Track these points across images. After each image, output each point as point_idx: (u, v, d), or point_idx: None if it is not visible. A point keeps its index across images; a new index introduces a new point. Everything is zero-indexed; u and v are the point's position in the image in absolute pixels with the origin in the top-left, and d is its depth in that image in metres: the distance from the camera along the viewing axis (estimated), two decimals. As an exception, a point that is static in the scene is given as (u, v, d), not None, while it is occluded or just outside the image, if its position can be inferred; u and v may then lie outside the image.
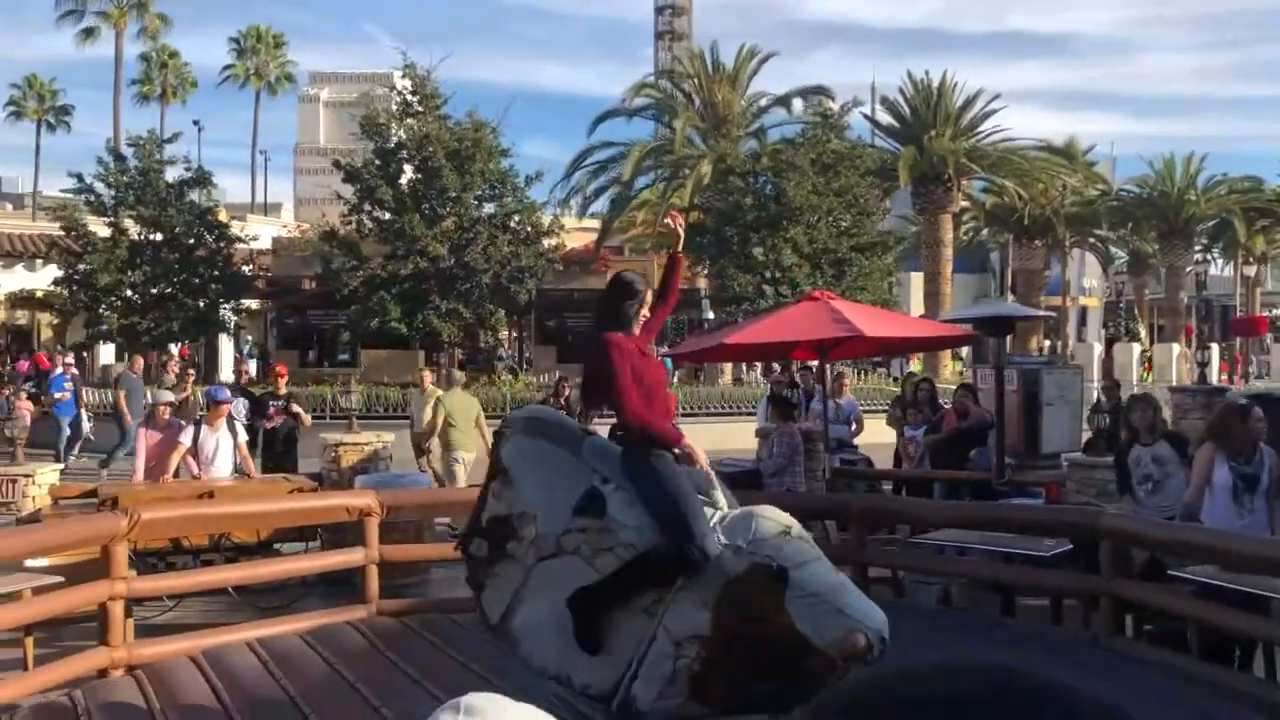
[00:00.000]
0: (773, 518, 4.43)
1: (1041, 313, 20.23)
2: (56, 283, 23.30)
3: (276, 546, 9.13)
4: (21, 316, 33.94)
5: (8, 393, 20.24)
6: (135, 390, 16.33)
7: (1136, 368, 31.66)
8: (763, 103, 28.59)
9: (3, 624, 6.17)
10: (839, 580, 4.31)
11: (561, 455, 4.66)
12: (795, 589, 4.09)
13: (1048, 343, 43.39)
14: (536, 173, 23.57)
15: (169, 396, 10.38)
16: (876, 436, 13.14)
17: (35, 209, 42.95)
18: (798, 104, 28.15)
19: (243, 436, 10.05)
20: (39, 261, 27.31)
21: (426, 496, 8.11)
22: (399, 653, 6.47)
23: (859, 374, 24.07)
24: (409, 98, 23.04)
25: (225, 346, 31.40)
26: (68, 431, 18.25)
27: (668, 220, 5.24)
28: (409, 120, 22.83)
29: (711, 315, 24.52)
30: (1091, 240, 43.74)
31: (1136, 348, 34.35)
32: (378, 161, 22.41)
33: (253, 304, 31.20)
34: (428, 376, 13.93)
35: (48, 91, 54.30)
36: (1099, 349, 34.64)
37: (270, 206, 54.48)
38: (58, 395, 18.52)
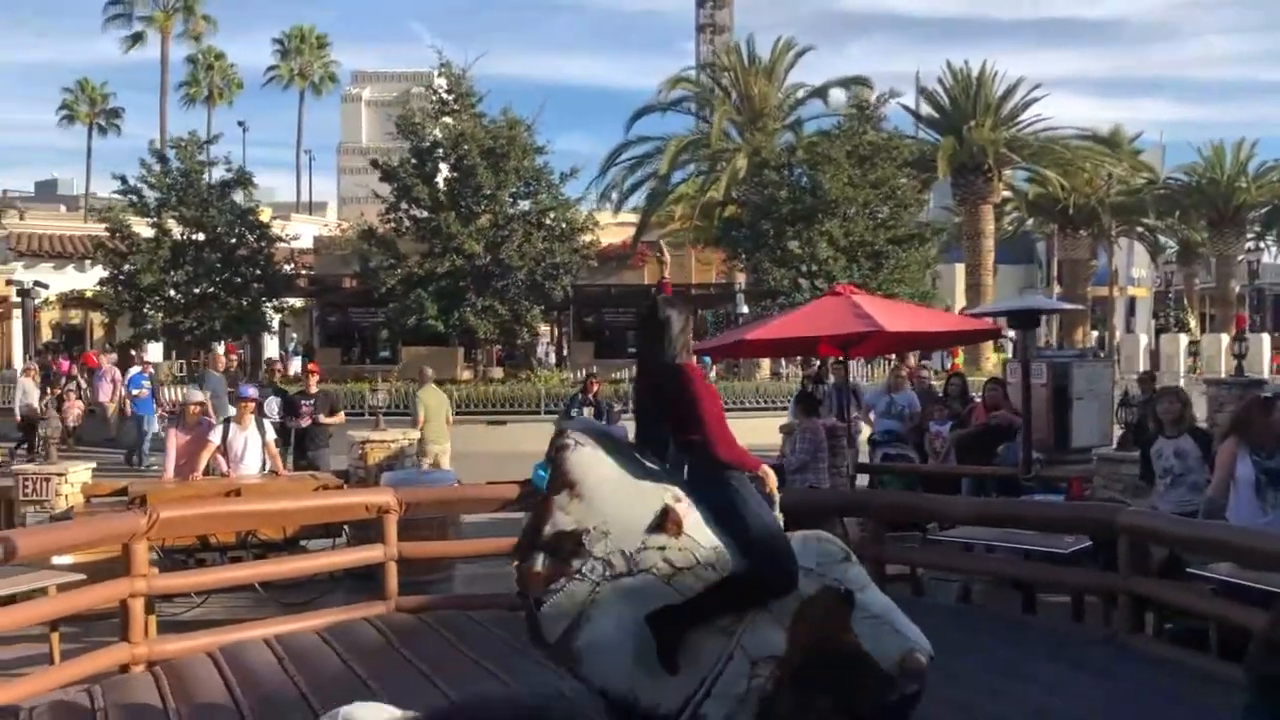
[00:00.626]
0: (834, 542, 4.64)
1: (1069, 305, 19.87)
2: (102, 283, 23.75)
3: (303, 544, 9.26)
4: (75, 316, 34.60)
5: (58, 391, 20.66)
6: (219, 388, 16.07)
7: (1184, 359, 31.11)
8: (799, 95, 28.45)
9: (25, 620, 6.31)
10: (889, 602, 4.56)
11: (631, 469, 4.55)
12: (860, 610, 4.34)
13: (1095, 334, 42.79)
14: (571, 169, 23.63)
15: (199, 396, 10.55)
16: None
17: (87, 211, 43.74)
18: (837, 96, 27.95)
19: (271, 435, 10.17)
20: (88, 262, 27.85)
21: (445, 494, 8.16)
22: (413, 649, 6.53)
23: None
24: (445, 96, 23.20)
25: (270, 345, 31.83)
26: (147, 430, 18.11)
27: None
28: (445, 119, 22.97)
29: (746, 309, 24.42)
30: (1140, 229, 43.00)
31: (1184, 338, 33.76)
32: (414, 160, 22.57)
33: (297, 303, 31.57)
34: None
35: (98, 95, 55.26)
36: (1145, 340, 34.08)
37: (315, 206, 55.13)
38: (135, 392, 18.55)
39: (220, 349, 25.55)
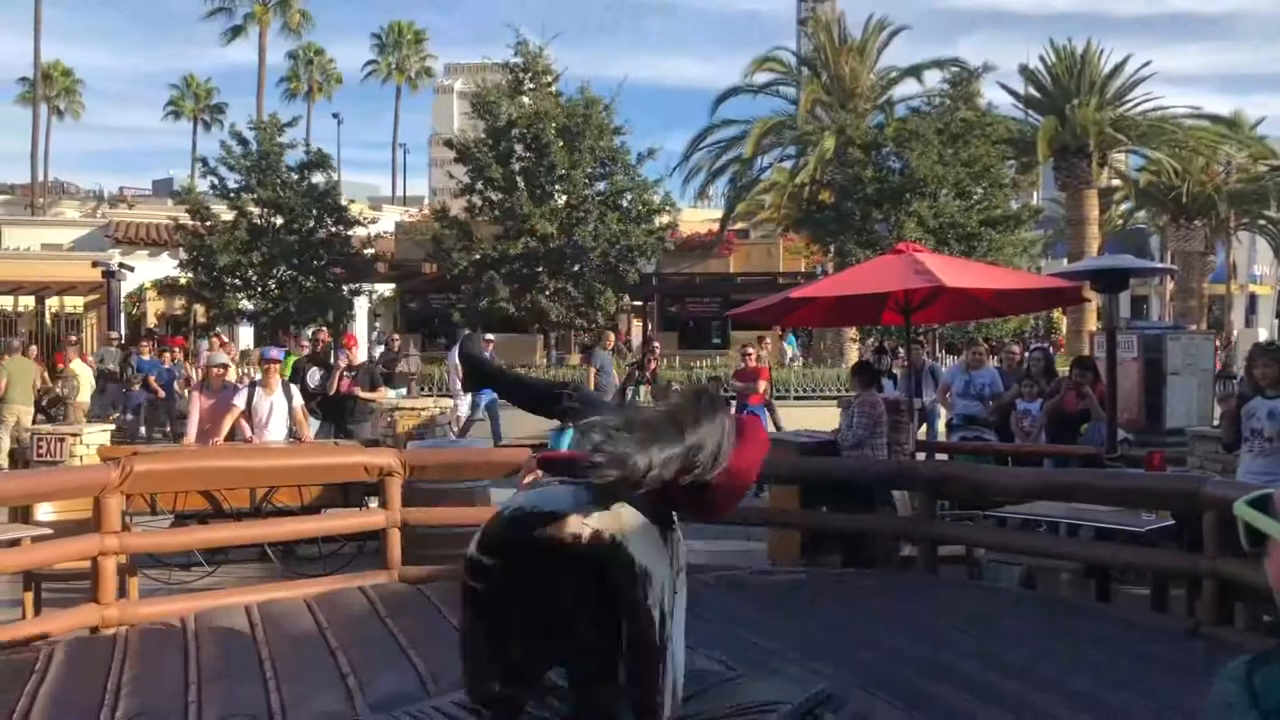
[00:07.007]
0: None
1: (1161, 266, 18.32)
2: (181, 265, 23.86)
3: (325, 513, 8.76)
4: (180, 306, 35.04)
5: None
6: (607, 367, 15.09)
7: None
8: (892, 76, 27.23)
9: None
10: None
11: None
12: None
13: (1212, 332, 40.42)
14: (649, 150, 22.99)
15: (223, 358, 10.16)
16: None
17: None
18: (932, 78, 26.63)
19: (299, 400, 9.72)
20: (181, 250, 28.10)
21: (450, 456, 7.55)
22: (398, 621, 5.97)
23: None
24: (520, 75, 22.76)
25: (360, 331, 31.77)
26: (475, 415, 14.71)
27: None
28: (521, 98, 22.52)
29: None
30: (1261, 222, 40.43)
31: (1307, 335, 31.62)
32: (489, 140, 22.15)
33: (387, 291, 31.45)
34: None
35: (203, 90, 56.43)
36: (1265, 335, 32.00)
37: (410, 200, 55.52)
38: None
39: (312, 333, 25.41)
